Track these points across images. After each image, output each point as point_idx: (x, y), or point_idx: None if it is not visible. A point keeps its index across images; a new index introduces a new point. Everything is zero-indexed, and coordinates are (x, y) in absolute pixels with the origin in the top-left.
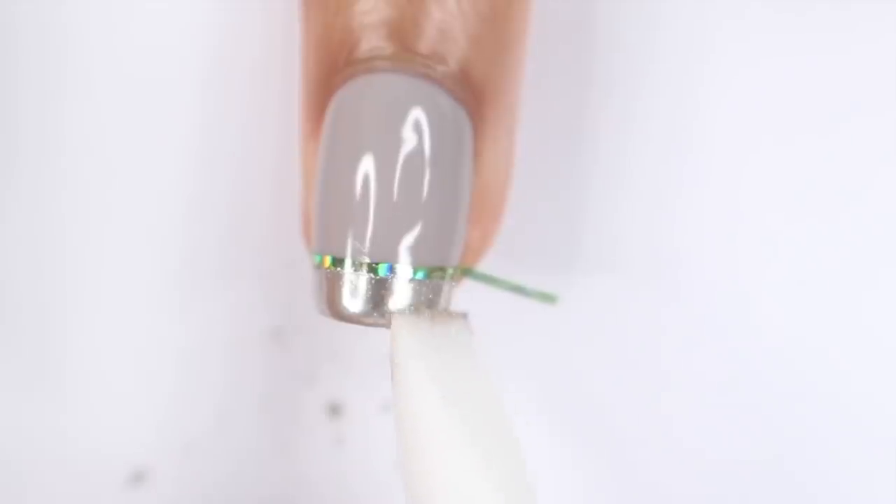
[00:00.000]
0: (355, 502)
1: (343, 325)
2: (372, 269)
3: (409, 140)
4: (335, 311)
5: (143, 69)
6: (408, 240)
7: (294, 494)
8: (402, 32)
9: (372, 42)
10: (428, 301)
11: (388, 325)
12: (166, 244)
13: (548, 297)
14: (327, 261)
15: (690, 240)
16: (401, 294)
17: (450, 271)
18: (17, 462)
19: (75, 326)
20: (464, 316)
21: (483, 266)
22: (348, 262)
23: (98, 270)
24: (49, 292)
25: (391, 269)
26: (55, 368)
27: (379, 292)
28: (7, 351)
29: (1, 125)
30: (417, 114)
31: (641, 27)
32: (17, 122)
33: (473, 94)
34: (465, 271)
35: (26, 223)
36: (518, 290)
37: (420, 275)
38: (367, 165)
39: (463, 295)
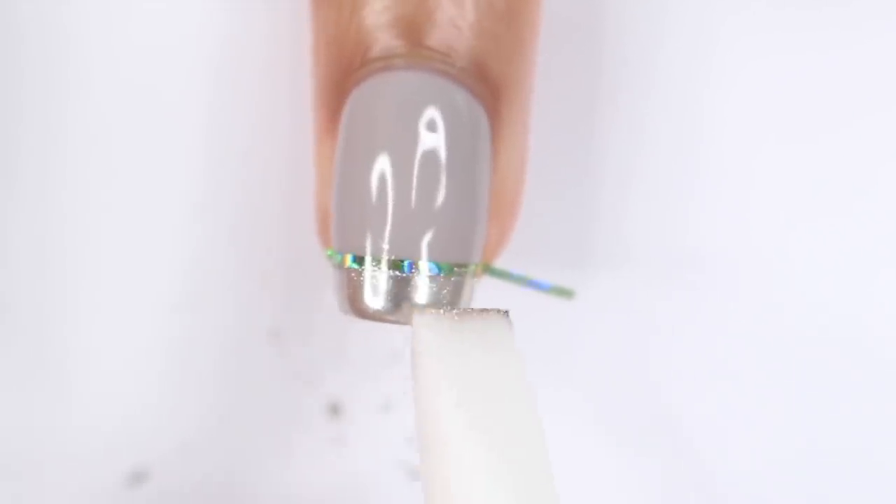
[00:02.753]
0: (355, 502)
1: (342, 325)
2: (394, 265)
3: (426, 137)
4: (357, 308)
5: (149, 69)
6: (429, 237)
7: (294, 494)
8: (418, 30)
9: (387, 41)
10: (449, 297)
11: (409, 322)
12: (167, 245)
13: (565, 293)
14: (347, 259)
15: (703, 235)
16: (422, 291)
17: (471, 267)
18: (16, 462)
19: (75, 326)
20: (502, 314)
21: (498, 263)
22: (368, 259)
23: (99, 270)
24: (50, 292)
25: (412, 266)
26: (55, 368)
27: (400, 289)
28: (7, 350)
29: (5, 124)
30: (434, 110)
31: (649, 25)
32: (21, 122)
33: (490, 89)
34: (485, 268)
35: (29, 223)
36: (536, 285)
37: (441, 271)
38: (385, 164)
39: (477, 291)
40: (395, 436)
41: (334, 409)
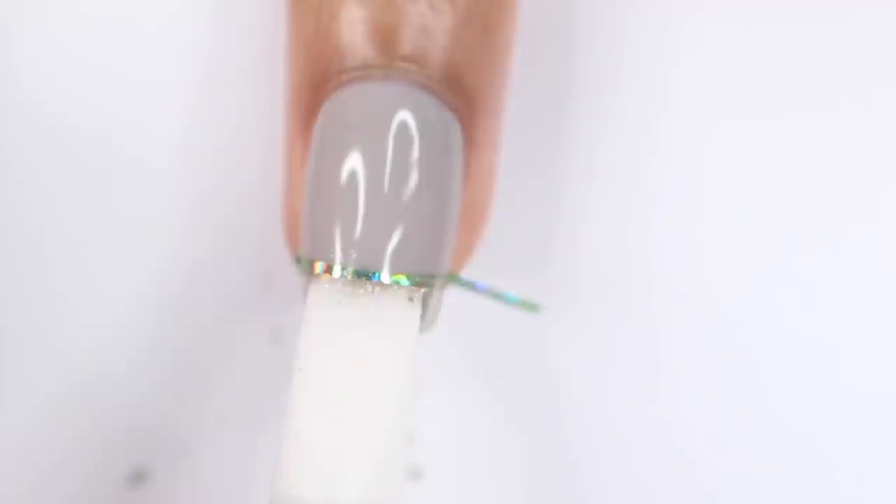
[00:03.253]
0: None
1: None
2: (361, 276)
3: (400, 148)
4: None
5: (150, 69)
6: (396, 247)
7: None
8: (396, 40)
9: (365, 51)
10: None
11: None
12: (165, 244)
13: (531, 307)
14: (317, 267)
15: (669, 246)
16: None
17: (439, 278)
18: (16, 461)
19: (74, 326)
20: (411, 297)
21: (464, 274)
22: (337, 268)
23: (98, 270)
24: (48, 293)
25: (379, 277)
26: (55, 367)
27: None
28: (6, 350)
29: (2, 124)
30: (409, 121)
31: (618, 32)
32: (18, 122)
33: (465, 100)
34: (452, 278)
35: (28, 222)
36: (502, 298)
37: (408, 282)
38: (357, 172)
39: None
40: None
41: None
